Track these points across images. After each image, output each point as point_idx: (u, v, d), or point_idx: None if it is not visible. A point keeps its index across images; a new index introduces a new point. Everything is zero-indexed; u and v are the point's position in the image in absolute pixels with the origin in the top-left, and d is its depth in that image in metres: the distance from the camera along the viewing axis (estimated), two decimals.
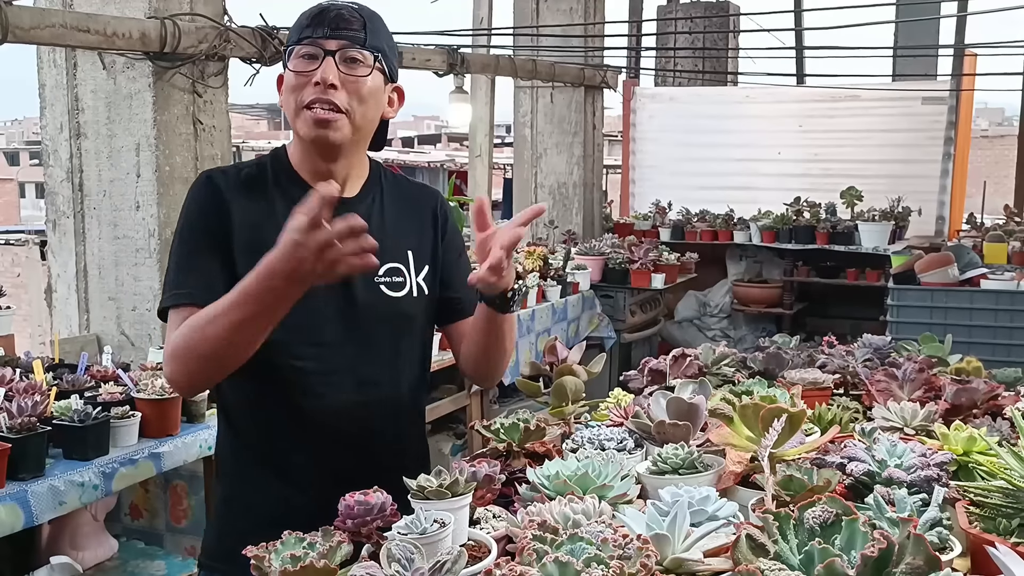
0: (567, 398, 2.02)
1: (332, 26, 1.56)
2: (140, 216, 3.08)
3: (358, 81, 1.57)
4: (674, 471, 1.61)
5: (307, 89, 1.55)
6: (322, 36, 1.56)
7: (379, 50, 1.59)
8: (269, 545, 1.34)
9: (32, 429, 2.20)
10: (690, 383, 1.99)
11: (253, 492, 1.65)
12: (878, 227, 5.91)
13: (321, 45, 1.55)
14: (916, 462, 1.52)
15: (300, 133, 1.58)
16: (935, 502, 1.36)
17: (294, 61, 1.57)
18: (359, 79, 1.57)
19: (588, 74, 6.26)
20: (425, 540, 1.29)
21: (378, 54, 1.59)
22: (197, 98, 3.12)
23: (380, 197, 1.71)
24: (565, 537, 1.16)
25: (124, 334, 3.13)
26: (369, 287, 1.63)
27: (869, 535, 1.11)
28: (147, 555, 2.74)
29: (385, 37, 1.63)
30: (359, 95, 1.57)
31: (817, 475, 1.49)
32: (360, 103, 1.57)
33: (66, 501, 2.22)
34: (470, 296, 1.75)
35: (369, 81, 1.58)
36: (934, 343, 2.78)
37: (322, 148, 1.59)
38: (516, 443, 1.82)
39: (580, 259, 5.50)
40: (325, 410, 1.61)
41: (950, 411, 2.04)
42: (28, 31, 2.58)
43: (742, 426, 1.65)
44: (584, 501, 1.39)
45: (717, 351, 2.50)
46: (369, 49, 1.58)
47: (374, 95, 1.60)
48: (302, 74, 1.56)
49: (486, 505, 1.54)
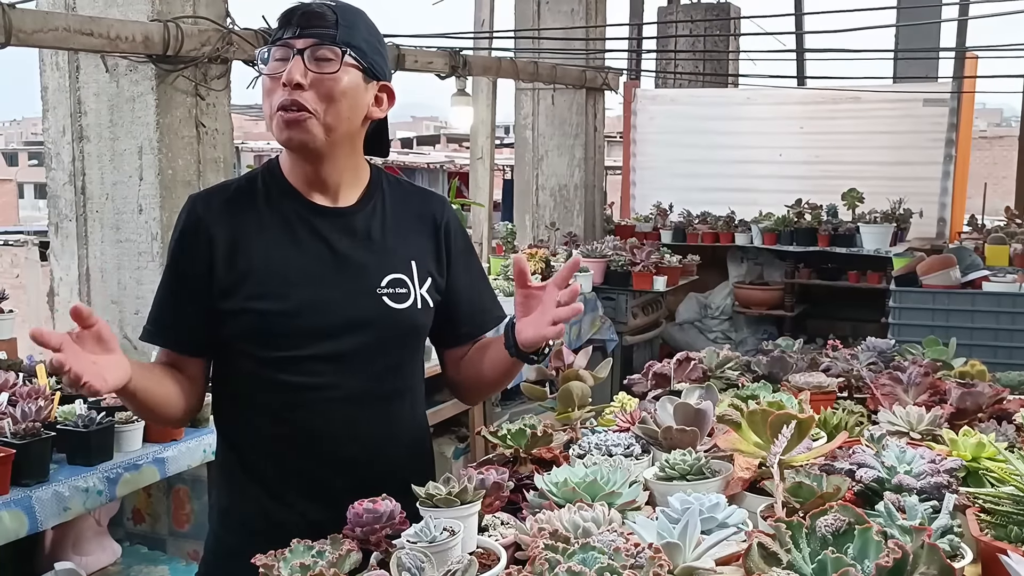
0: (574, 403, 2.02)
1: (302, 24, 1.50)
2: (143, 219, 3.07)
3: (327, 80, 1.50)
4: (682, 477, 1.60)
5: (277, 92, 1.50)
6: (292, 35, 1.50)
7: (351, 46, 1.52)
8: (277, 553, 1.34)
9: (36, 434, 2.19)
10: (696, 388, 1.98)
11: (245, 504, 1.62)
12: (880, 229, 5.91)
13: (291, 45, 1.50)
14: (926, 468, 1.52)
15: (275, 137, 1.54)
16: (946, 509, 1.35)
17: (268, 65, 1.52)
18: (325, 77, 1.50)
19: (589, 76, 6.26)
20: (435, 548, 1.28)
21: (348, 50, 1.51)
22: (200, 101, 3.11)
23: (381, 205, 1.65)
24: (577, 546, 1.16)
25: (127, 338, 3.12)
26: (371, 299, 1.58)
27: (883, 544, 1.11)
28: (150, 560, 2.74)
29: (364, 33, 1.55)
30: (330, 95, 1.50)
31: (826, 482, 1.49)
32: (331, 103, 1.50)
33: (70, 507, 2.21)
34: (476, 322, 1.72)
35: (343, 79, 1.51)
36: (938, 346, 2.77)
37: (298, 152, 1.55)
38: (523, 449, 1.82)
39: (582, 261, 5.49)
40: (321, 425, 1.57)
41: (955, 415, 2.04)
42: (31, 34, 2.58)
43: (750, 432, 1.65)
44: (594, 509, 1.39)
45: (721, 354, 2.50)
46: (340, 45, 1.50)
47: (347, 94, 1.52)
48: (273, 76, 1.51)
49: (494, 512, 1.53)
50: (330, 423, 1.58)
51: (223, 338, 1.57)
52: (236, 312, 1.54)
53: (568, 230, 6.34)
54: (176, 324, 1.58)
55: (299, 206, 1.59)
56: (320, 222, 1.59)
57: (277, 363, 1.54)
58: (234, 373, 1.60)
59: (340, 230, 1.59)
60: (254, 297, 1.53)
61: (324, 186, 1.60)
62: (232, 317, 1.54)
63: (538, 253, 4.97)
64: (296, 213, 1.59)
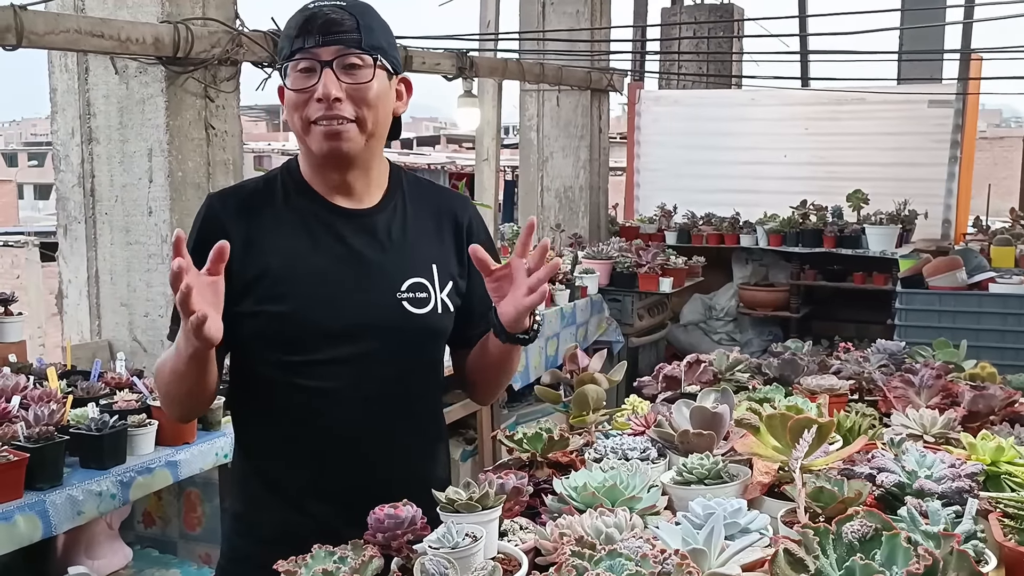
0: (589, 407, 2.01)
1: (323, 32, 1.46)
2: (152, 221, 3.07)
3: (361, 88, 1.48)
4: (700, 481, 1.60)
5: (311, 106, 1.47)
6: (314, 45, 1.46)
7: (377, 48, 1.49)
8: (299, 559, 1.33)
9: (50, 438, 2.18)
10: (712, 391, 1.98)
11: (261, 510, 1.60)
12: (885, 230, 5.91)
13: (316, 56, 1.46)
14: (946, 473, 1.51)
15: (312, 149, 1.51)
16: (968, 514, 1.35)
17: (292, 77, 1.49)
18: (362, 86, 1.48)
19: (595, 77, 6.26)
20: (458, 554, 1.28)
21: (376, 54, 1.49)
22: (209, 103, 3.11)
23: (403, 206, 1.63)
24: (604, 553, 1.15)
25: (136, 340, 3.12)
26: (390, 304, 1.55)
27: (911, 551, 1.10)
28: (162, 563, 2.73)
29: (381, 31, 1.52)
30: (366, 102, 1.49)
31: (847, 486, 1.48)
32: (369, 109, 1.49)
33: (84, 511, 2.21)
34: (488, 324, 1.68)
35: (375, 84, 1.49)
36: (948, 348, 2.77)
37: (336, 161, 1.52)
38: (539, 453, 1.81)
39: (587, 263, 5.49)
40: (338, 430, 1.55)
41: (967, 418, 2.03)
42: (43, 36, 2.57)
43: (769, 436, 1.64)
44: (616, 514, 1.38)
45: (731, 357, 2.49)
46: (367, 50, 1.48)
47: (381, 97, 1.51)
48: (302, 91, 1.48)
49: (513, 517, 1.52)
50: (347, 428, 1.56)
51: (239, 340, 1.54)
52: (252, 314, 1.52)
53: (573, 231, 6.34)
54: None
55: (319, 207, 1.57)
56: (340, 224, 1.57)
57: (293, 367, 1.53)
58: (251, 377, 1.58)
59: (360, 232, 1.57)
60: (270, 299, 1.51)
61: (349, 189, 1.58)
62: (248, 319, 1.52)
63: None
64: (315, 215, 1.57)
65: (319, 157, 1.52)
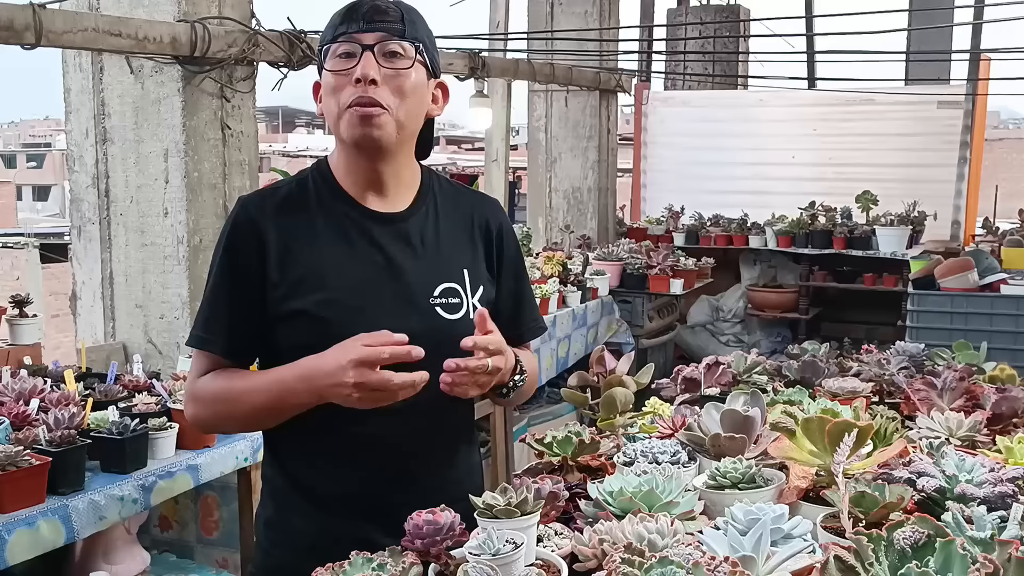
0: (616, 409, 1.99)
1: (368, 19, 1.47)
2: (168, 223, 3.05)
3: (400, 75, 1.48)
4: (734, 486, 1.58)
5: (347, 89, 1.47)
6: (358, 30, 1.47)
7: (419, 41, 1.50)
8: (336, 567, 1.31)
9: (72, 442, 2.16)
10: (741, 394, 1.96)
11: (293, 518, 1.58)
12: (895, 232, 5.89)
13: (358, 40, 1.47)
14: (987, 477, 1.50)
15: (343, 136, 1.50)
16: (1014, 519, 1.33)
17: (331, 61, 1.49)
18: (400, 72, 1.48)
19: (603, 77, 6.24)
20: (500, 561, 1.26)
21: (419, 45, 1.50)
22: (225, 103, 3.09)
23: (434, 210, 1.61)
24: (655, 560, 1.13)
25: (151, 342, 3.09)
26: (424, 310, 1.54)
27: (968, 558, 1.08)
28: (180, 568, 2.70)
29: (424, 29, 1.53)
30: (402, 90, 1.48)
31: (888, 491, 1.46)
32: (403, 99, 1.48)
33: (106, 516, 2.18)
34: (516, 331, 1.68)
35: (412, 75, 1.49)
36: (968, 350, 2.77)
37: (367, 150, 1.51)
38: (570, 457, 1.79)
39: (598, 264, 5.47)
40: (372, 438, 1.53)
41: (991, 420, 2.02)
42: (61, 35, 2.56)
43: (805, 440, 1.62)
44: (657, 520, 1.36)
45: (749, 359, 2.48)
46: (409, 40, 1.49)
47: (417, 91, 1.51)
48: (340, 73, 1.47)
49: (549, 523, 1.51)
50: (383, 434, 1.54)
51: (273, 347, 1.53)
52: (286, 319, 1.51)
53: (582, 232, 6.32)
54: (230, 330, 1.53)
55: (353, 211, 1.56)
56: (375, 228, 1.55)
57: None
58: None
59: (394, 236, 1.56)
60: (308, 306, 1.50)
61: (381, 187, 1.57)
62: (282, 324, 1.51)
63: (555, 257, 4.94)
64: (349, 218, 1.55)
65: (351, 146, 1.51)
